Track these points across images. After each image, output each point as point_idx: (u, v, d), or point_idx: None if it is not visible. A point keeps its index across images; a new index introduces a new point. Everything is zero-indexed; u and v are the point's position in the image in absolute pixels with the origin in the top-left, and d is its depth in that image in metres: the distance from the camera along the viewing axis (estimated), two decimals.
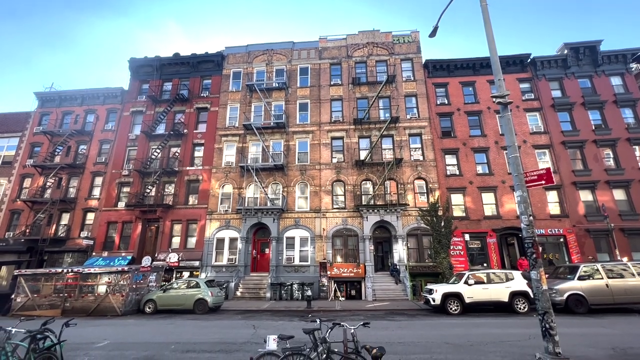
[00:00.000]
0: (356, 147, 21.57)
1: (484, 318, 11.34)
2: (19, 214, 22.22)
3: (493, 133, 21.04)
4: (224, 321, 11.34)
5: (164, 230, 21.00)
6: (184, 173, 22.17)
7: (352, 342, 4.58)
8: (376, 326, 9.52)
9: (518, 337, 8.10)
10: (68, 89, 25.41)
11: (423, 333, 8.95)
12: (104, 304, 13.30)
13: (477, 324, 10.33)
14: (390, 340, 7.90)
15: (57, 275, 13.95)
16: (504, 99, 5.60)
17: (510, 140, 5.40)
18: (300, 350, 4.42)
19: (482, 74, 22.58)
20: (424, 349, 7.14)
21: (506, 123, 5.50)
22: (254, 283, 18.92)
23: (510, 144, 5.41)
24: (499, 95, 5.61)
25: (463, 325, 10.12)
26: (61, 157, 23.31)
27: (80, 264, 19.92)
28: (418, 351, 6.93)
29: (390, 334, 8.69)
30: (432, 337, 8.30)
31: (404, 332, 9.12)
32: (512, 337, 8.13)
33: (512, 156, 5.35)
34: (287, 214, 20.43)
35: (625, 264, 12.17)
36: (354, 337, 4.63)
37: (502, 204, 19.56)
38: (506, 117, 5.54)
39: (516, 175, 5.24)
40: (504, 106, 5.62)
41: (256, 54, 24.75)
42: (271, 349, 4.65)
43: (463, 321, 10.83)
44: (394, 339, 7.98)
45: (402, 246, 18.91)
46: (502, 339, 7.94)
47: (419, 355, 6.63)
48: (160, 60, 25.09)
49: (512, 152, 5.34)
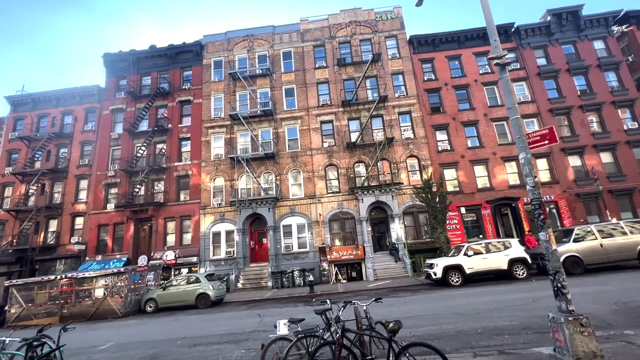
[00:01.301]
0: (346, 129, 21.30)
1: (486, 287, 11.52)
2: (3, 225, 21.41)
3: (481, 105, 21.02)
4: (228, 313, 11.24)
5: (157, 229, 20.58)
6: (172, 169, 21.60)
7: (366, 319, 4.48)
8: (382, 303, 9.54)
9: (522, 301, 8.22)
10: (41, 91, 24.19)
11: (429, 306, 9.02)
12: (103, 307, 13.02)
13: (479, 292, 10.48)
14: (397, 315, 7.90)
15: (50, 282, 13.54)
16: (501, 60, 5.39)
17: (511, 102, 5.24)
18: (313, 332, 4.30)
19: (468, 46, 22.36)
20: (432, 320, 7.16)
21: (506, 84, 5.32)
22: (255, 273, 18.84)
23: (510, 105, 5.25)
24: (497, 56, 5.40)
25: (466, 295, 10.25)
26: (42, 163, 22.39)
27: (74, 269, 19.42)
28: (427, 323, 6.94)
29: (397, 310, 8.72)
30: (439, 309, 8.35)
31: (409, 307, 9.17)
32: (516, 301, 8.24)
33: (514, 118, 5.19)
34: (282, 202, 20.23)
35: (618, 223, 12.46)
36: (367, 313, 4.53)
37: (494, 176, 19.74)
38: (505, 78, 5.36)
39: (519, 137, 5.11)
40: (502, 67, 5.42)
41: (236, 41, 23.88)
42: (282, 333, 4.53)
43: (465, 291, 10.98)
44: (401, 314, 7.99)
45: (399, 225, 19.01)
46: (506, 304, 8.04)
47: (429, 327, 6.64)
48: (136, 53, 24.00)
49: (514, 114, 5.18)
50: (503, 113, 20.61)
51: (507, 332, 5.86)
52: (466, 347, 5.29)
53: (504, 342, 5.38)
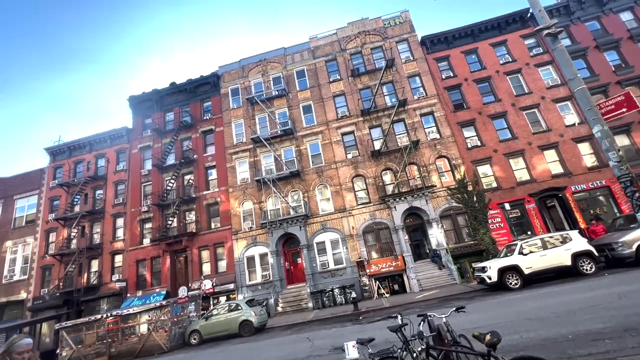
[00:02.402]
0: (368, 138, 20.92)
1: (550, 287, 10.41)
2: (50, 269, 22.30)
3: (507, 96, 20.09)
4: (275, 339, 10.74)
5: (192, 259, 20.69)
6: (201, 198, 21.92)
7: (448, 333, 3.92)
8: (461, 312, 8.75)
9: (605, 299, 7.23)
10: (75, 139, 25.68)
11: (494, 313, 8.15)
12: (149, 342, 12.91)
13: (547, 294, 9.44)
14: (464, 326, 7.11)
15: (97, 322, 13.67)
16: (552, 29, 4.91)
17: (571, 72, 4.70)
18: (391, 353, 3.78)
19: (483, 39, 21.73)
20: (506, 329, 6.36)
21: (561, 54, 4.80)
22: (293, 295, 18.31)
23: (571, 76, 4.71)
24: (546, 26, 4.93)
25: (532, 298, 9.25)
26: (80, 206, 23.41)
27: (117, 307, 19.71)
28: (502, 333, 6.14)
29: (460, 320, 7.88)
30: (508, 316, 7.50)
31: (473, 316, 8.32)
32: (598, 300, 7.26)
33: (579, 89, 4.63)
34: (312, 219, 19.85)
35: None
36: (448, 326, 3.96)
37: (533, 167, 18.51)
38: (559, 48, 4.85)
39: (589, 109, 4.52)
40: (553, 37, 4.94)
41: (250, 67, 24.54)
42: (353, 357, 4.05)
43: (529, 294, 9.95)
44: (467, 325, 7.20)
45: (437, 229, 18.03)
46: (588, 303, 7.09)
47: (507, 337, 5.86)
48: (158, 92, 25.15)
49: (577, 85, 4.63)
50: (532, 100, 19.57)
51: (606, 336, 5.03)
52: (563, 357, 4.54)
53: (607, 348, 4.58)
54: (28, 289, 21.78)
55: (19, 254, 23.01)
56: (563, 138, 18.54)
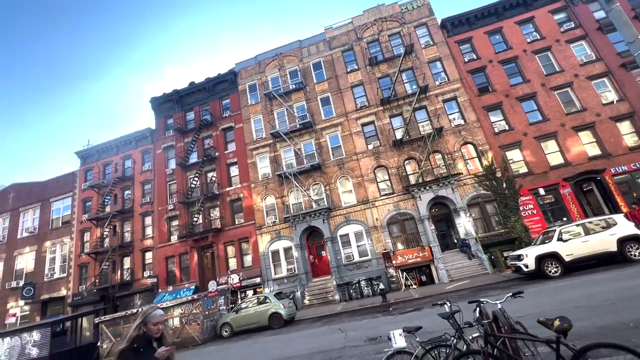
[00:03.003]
0: (389, 127, 20.43)
1: (594, 274, 9.81)
2: (86, 267, 23.40)
3: (536, 76, 19.01)
4: (306, 331, 10.75)
5: (218, 254, 21.09)
6: (225, 194, 22.24)
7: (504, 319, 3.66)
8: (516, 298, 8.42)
9: None
10: (102, 142, 26.66)
11: (537, 302, 7.74)
12: (183, 335, 13.28)
13: (592, 281, 8.89)
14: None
15: (133, 315, 14.17)
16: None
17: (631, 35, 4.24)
18: (443, 342, 3.58)
19: (507, 17, 20.62)
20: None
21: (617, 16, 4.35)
22: (319, 288, 18.32)
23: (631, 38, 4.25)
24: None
25: (576, 285, 8.74)
26: (111, 206, 24.34)
27: (149, 302, 20.44)
28: None
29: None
30: (553, 304, 7.09)
31: (514, 305, 7.86)
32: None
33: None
34: (335, 211, 19.71)
35: None
36: (504, 312, 3.71)
37: (567, 149, 17.49)
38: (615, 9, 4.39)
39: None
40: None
41: (266, 62, 24.49)
42: (400, 346, 3.87)
43: (571, 282, 9.41)
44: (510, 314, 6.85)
45: (465, 218, 17.44)
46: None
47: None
48: (178, 92, 25.60)
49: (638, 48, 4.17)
50: (565, 79, 18.44)
51: None
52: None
53: None
54: (67, 286, 22.98)
55: (57, 253, 24.28)
56: (600, 117, 17.37)
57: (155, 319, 2.57)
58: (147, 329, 2.53)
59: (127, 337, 2.50)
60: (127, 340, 2.48)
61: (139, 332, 2.50)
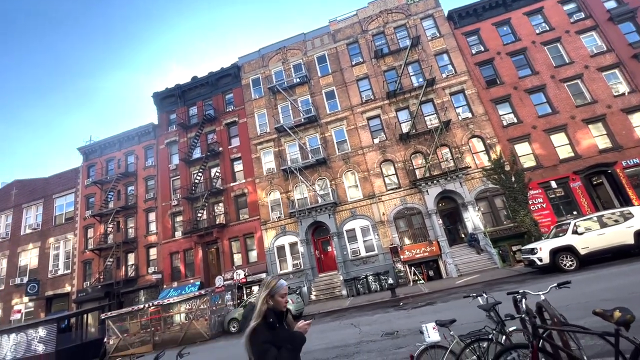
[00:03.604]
0: (395, 121, 20.16)
1: (611, 268, 9.62)
2: (90, 263, 23.28)
3: (546, 68, 18.69)
4: (316, 326, 10.58)
5: (223, 250, 20.94)
6: (229, 190, 22.04)
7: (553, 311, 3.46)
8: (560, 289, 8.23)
9: None
10: (105, 138, 26.41)
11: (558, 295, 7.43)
12: (190, 331, 13.15)
13: (610, 274, 8.70)
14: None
15: (140, 311, 14.08)
16: None
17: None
18: (484, 335, 3.38)
19: (516, 8, 20.24)
20: (582, 311, 5.79)
21: None
22: (325, 283, 18.18)
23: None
24: None
25: (596, 278, 8.54)
26: (114, 202, 24.16)
27: (154, 298, 20.31)
28: (579, 315, 5.60)
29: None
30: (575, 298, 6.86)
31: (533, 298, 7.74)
32: None
33: None
34: (341, 206, 19.51)
35: None
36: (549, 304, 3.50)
37: (577, 142, 17.22)
38: None
39: None
40: None
41: (270, 56, 24.16)
42: (434, 340, 3.67)
43: (589, 275, 9.21)
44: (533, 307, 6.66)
45: (474, 212, 17.23)
46: None
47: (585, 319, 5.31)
48: (181, 87, 25.30)
49: None
50: (575, 70, 18.12)
51: None
52: None
53: None
54: (72, 282, 22.87)
55: (61, 249, 24.15)
56: (611, 109, 17.08)
57: (282, 289, 2.28)
58: (274, 301, 2.24)
59: (256, 312, 2.19)
60: (257, 315, 2.16)
61: (268, 305, 2.20)
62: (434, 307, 9.47)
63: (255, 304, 2.28)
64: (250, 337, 2.07)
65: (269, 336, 2.06)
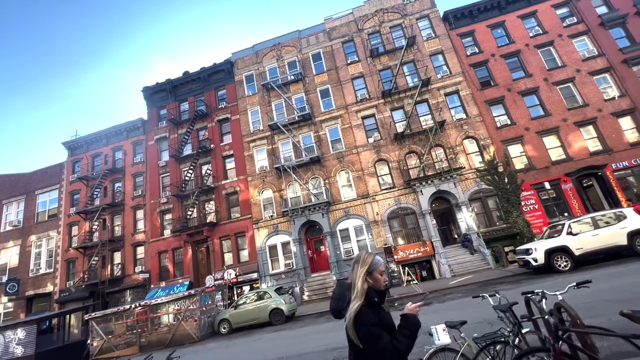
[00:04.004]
0: (390, 121, 20.07)
1: (605, 268, 9.66)
2: (74, 262, 22.45)
3: (539, 70, 18.89)
4: (311, 327, 10.32)
5: (214, 249, 20.46)
6: (220, 188, 21.57)
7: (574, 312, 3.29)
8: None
9: None
10: (91, 132, 25.56)
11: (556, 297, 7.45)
12: (179, 332, 12.70)
13: (607, 275, 8.71)
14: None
15: (126, 312, 13.54)
16: None
17: None
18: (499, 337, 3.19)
19: (510, 10, 20.42)
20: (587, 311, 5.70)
21: None
22: (318, 283, 17.93)
23: None
24: None
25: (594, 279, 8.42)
26: (100, 199, 23.38)
27: (141, 298, 19.70)
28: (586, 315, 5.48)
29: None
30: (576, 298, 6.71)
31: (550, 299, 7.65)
32: None
33: None
34: (334, 205, 19.29)
35: None
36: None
37: (569, 144, 17.43)
38: None
39: None
40: None
41: (264, 52, 23.79)
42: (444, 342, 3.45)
43: (585, 275, 9.19)
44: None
45: (467, 213, 17.25)
46: None
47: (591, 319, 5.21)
48: (172, 82, 24.68)
49: None
50: (567, 74, 18.37)
51: None
52: None
53: None
54: (54, 282, 22.02)
55: (43, 247, 23.24)
56: (602, 113, 17.35)
57: (380, 265, 2.02)
58: (372, 279, 1.97)
59: (356, 291, 1.89)
60: (360, 295, 1.87)
61: (368, 284, 1.94)
62: (431, 308, 9.32)
63: (345, 283, 2.02)
64: (355, 320, 1.79)
65: (375, 318, 1.81)
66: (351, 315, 1.81)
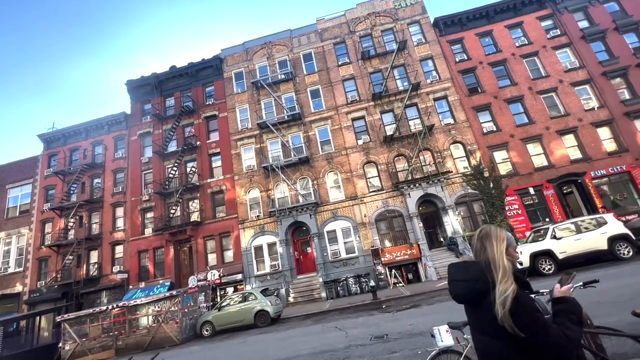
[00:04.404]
0: (380, 123, 20.14)
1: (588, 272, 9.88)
2: (46, 261, 21.30)
3: (524, 79, 19.44)
4: (297, 329, 10.08)
5: (197, 249, 19.87)
6: (205, 186, 21.02)
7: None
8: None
9: None
10: (70, 125, 24.44)
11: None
12: (158, 335, 12.16)
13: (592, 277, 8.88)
14: None
15: (102, 313, 12.86)
16: None
17: None
18: None
19: (498, 20, 20.97)
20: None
21: None
22: (304, 285, 17.68)
23: None
24: None
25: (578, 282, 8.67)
26: (77, 195, 22.32)
27: (118, 300, 18.86)
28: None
29: None
30: None
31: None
32: None
33: None
34: (322, 207, 19.13)
35: None
36: None
37: (551, 152, 17.98)
38: None
39: None
40: None
41: (255, 50, 23.46)
42: (448, 344, 3.36)
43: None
44: None
45: (453, 217, 17.46)
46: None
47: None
48: (158, 76, 23.95)
49: None
50: (550, 84, 18.98)
51: None
52: None
53: None
54: (24, 282, 20.80)
55: (13, 245, 21.95)
56: (582, 122, 18.00)
57: (513, 242, 1.69)
58: (510, 256, 1.65)
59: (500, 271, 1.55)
60: (507, 275, 1.54)
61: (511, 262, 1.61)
62: (420, 310, 9.28)
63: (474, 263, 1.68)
64: (514, 306, 1.45)
65: (533, 303, 1.52)
66: (507, 301, 1.48)
